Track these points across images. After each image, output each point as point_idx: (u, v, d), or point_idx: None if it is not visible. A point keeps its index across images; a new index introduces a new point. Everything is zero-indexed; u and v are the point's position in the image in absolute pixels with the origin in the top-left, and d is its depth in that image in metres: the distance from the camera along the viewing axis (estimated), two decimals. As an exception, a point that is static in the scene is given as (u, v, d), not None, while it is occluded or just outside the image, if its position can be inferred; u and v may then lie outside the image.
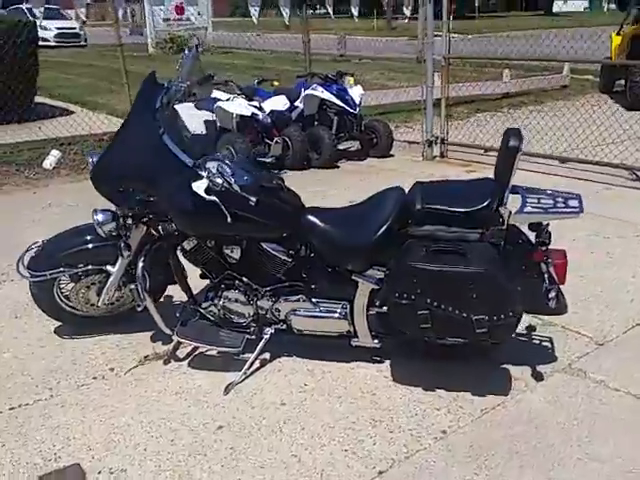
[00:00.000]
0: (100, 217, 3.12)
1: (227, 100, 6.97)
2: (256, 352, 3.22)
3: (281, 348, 3.36)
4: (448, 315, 2.77)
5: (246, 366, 3.19)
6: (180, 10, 19.42)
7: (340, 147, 7.32)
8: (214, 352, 3.32)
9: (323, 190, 6.26)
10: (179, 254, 3.23)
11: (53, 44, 22.05)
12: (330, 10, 16.41)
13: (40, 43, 22.64)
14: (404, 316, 2.85)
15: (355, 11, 16.03)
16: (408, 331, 2.91)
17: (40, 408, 2.97)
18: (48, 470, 2.58)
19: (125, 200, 3.09)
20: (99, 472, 2.57)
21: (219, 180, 2.81)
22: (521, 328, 3.56)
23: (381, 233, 2.95)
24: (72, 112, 9.33)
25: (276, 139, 6.92)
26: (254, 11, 12.25)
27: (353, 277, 3.06)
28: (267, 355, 3.36)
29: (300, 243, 3.12)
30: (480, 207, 2.85)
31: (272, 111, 7.05)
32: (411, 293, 2.77)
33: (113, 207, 3.22)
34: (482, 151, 7.52)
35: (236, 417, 2.91)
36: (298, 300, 3.16)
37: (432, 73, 7.60)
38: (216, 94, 7.02)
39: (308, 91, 7.45)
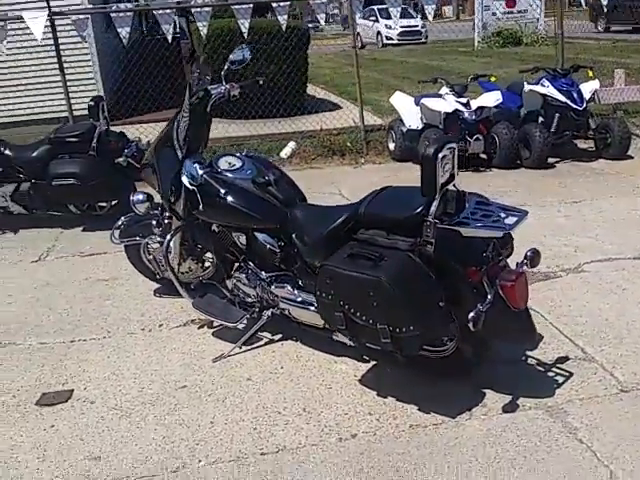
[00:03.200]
0: (135, 198, 3.76)
1: (439, 96, 7.04)
2: (251, 331, 3.54)
3: (292, 332, 3.61)
4: (357, 320, 2.74)
5: (239, 343, 3.54)
6: (512, 3, 19.13)
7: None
8: (241, 326, 3.72)
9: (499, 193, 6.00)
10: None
11: (396, 42, 23.65)
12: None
13: (385, 42, 24.52)
14: (326, 314, 2.91)
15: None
16: (334, 329, 2.94)
17: (90, 344, 3.76)
18: (51, 390, 3.34)
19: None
20: (79, 399, 3.23)
21: (194, 173, 3.22)
22: (551, 357, 3.23)
23: (327, 232, 3.01)
24: (340, 107, 10.21)
25: (476, 136, 6.76)
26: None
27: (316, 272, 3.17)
28: (277, 336, 3.65)
29: (285, 236, 3.33)
30: (409, 215, 2.73)
31: (479, 107, 6.89)
32: (328, 293, 2.81)
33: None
34: None
35: (202, 382, 3.29)
36: (288, 288, 3.38)
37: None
38: (442, 90, 7.17)
39: (529, 86, 7.07)
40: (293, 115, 9.19)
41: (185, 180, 3.38)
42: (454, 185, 2.77)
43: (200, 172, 3.38)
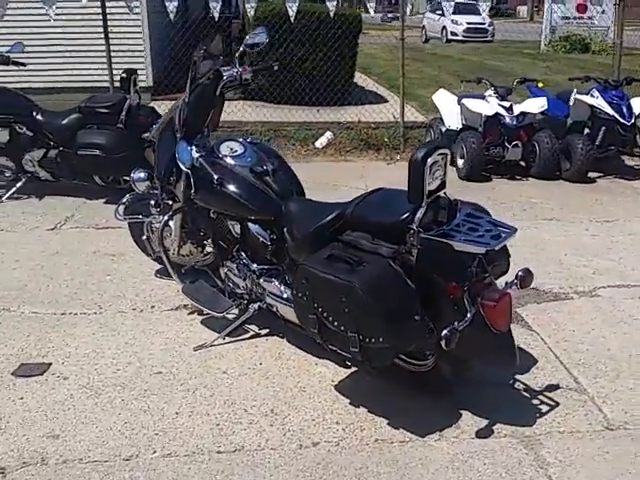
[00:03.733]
0: (135, 175, 3.71)
1: (482, 98, 6.81)
2: (236, 323, 3.47)
3: (279, 329, 3.52)
4: (329, 325, 2.64)
5: (223, 333, 3.47)
6: (582, 9, 18.45)
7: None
8: (231, 317, 3.65)
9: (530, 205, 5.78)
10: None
11: (461, 38, 23.18)
12: None
13: (449, 37, 24.03)
14: (301, 315, 2.81)
15: None
16: (307, 331, 2.84)
17: (79, 319, 3.75)
18: (31, 361, 3.34)
19: None
20: (53, 374, 3.22)
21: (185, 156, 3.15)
22: (540, 384, 3.07)
23: (313, 230, 2.91)
24: (386, 101, 10.03)
25: (515, 143, 6.52)
26: None
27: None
28: (264, 331, 3.56)
29: (278, 229, 3.23)
30: (394, 221, 2.60)
31: (522, 113, 6.63)
32: (303, 294, 2.71)
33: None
34: None
35: (178, 370, 3.23)
36: (275, 283, 3.29)
37: None
38: (487, 92, 6.94)
39: (577, 95, 6.77)
40: (336, 105, 9.05)
41: (179, 162, 3.31)
42: (445, 193, 2.63)
43: (195, 155, 3.30)
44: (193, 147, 3.36)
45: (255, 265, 3.37)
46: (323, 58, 9.14)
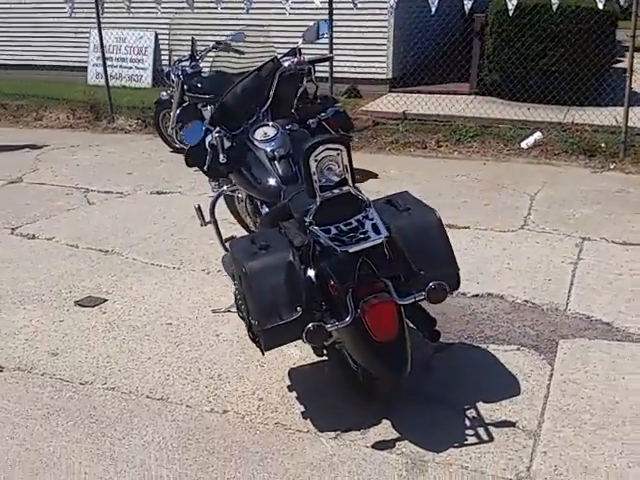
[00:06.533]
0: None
1: None
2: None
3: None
4: (241, 304, 2.75)
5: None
6: None
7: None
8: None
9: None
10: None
11: None
12: None
13: None
14: (236, 298, 2.94)
15: None
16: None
17: (158, 270, 4.34)
18: (96, 295, 4.01)
19: None
20: (100, 308, 3.84)
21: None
22: (498, 416, 2.81)
23: (271, 212, 3.02)
24: (642, 104, 8.86)
25: None
26: None
27: None
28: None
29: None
30: (300, 214, 2.61)
31: None
32: (234, 278, 2.85)
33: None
34: None
35: (184, 325, 3.60)
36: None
37: None
38: None
39: None
40: (581, 104, 8.29)
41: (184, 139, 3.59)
42: (353, 189, 2.54)
43: (215, 135, 3.52)
44: (211, 127, 3.55)
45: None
46: (564, 55, 8.48)
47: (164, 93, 7.26)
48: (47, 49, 11.48)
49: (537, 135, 7.53)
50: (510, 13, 7.33)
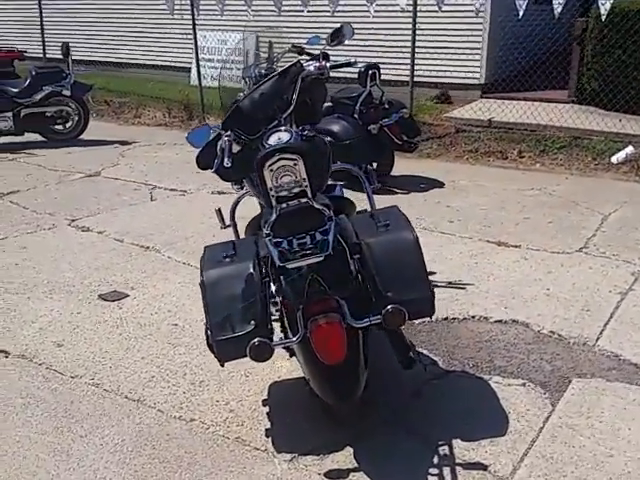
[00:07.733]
0: None
1: None
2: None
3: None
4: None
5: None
6: None
7: None
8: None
9: None
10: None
11: None
12: None
13: None
14: None
15: None
16: None
17: (190, 269, 4.38)
18: (122, 290, 4.10)
19: None
20: (118, 303, 3.92)
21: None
22: (471, 457, 2.62)
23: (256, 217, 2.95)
24: None
25: None
26: None
27: None
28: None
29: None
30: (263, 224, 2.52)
31: None
32: None
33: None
34: None
35: (189, 327, 3.61)
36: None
37: None
38: None
39: None
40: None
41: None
42: (315, 201, 2.42)
43: (225, 138, 3.48)
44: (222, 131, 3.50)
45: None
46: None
47: (241, 94, 7.35)
48: (153, 49, 12.06)
49: (629, 149, 6.95)
50: (602, 18, 6.83)
